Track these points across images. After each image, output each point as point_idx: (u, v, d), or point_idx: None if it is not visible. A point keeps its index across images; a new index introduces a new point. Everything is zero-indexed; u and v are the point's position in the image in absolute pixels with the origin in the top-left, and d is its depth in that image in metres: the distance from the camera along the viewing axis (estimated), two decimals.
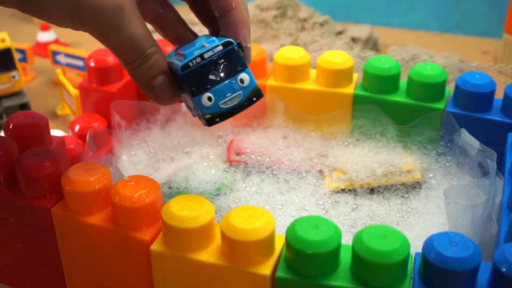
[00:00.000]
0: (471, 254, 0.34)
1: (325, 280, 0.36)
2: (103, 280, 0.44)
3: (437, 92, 0.53)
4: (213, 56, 0.39)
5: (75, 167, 0.43)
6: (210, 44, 0.39)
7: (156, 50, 0.40)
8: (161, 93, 0.41)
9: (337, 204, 0.52)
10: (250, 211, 0.38)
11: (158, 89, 0.41)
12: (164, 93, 0.41)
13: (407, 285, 0.36)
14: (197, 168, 0.54)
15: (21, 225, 0.45)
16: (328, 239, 0.36)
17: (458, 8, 1.01)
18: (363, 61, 0.76)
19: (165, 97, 0.41)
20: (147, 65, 0.40)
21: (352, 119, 0.57)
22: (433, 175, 0.53)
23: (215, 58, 0.39)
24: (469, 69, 0.76)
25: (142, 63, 0.40)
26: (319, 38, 0.84)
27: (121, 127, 0.55)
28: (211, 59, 0.39)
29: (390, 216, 0.51)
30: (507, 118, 0.51)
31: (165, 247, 0.39)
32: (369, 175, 0.53)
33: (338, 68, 0.55)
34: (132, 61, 0.40)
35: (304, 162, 0.56)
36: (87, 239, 0.43)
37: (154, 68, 0.40)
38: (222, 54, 0.39)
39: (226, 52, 0.39)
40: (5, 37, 0.67)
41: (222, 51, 0.39)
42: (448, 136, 0.53)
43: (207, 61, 0.39)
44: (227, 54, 0.39)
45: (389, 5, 1.04)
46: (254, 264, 0.37)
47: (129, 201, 0.40)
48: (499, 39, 0.86)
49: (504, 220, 0.42)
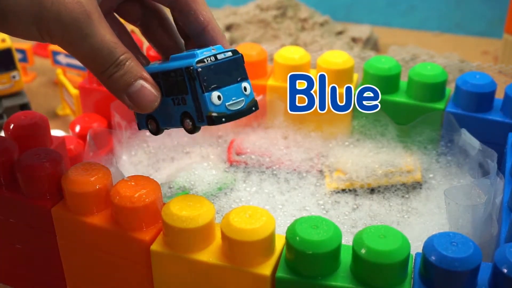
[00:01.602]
0: (471, 254, 0.34)
1: (325, 280, 0.36)
2: (103, 280, 0.44)
3: (437, 92, 0.53)
4: (225, 59, 0.40)
5: (75, 167, 0.43)
6: (218, 49, 0.40)
7: (129, 57, 0.39)
8: (140, 99, 0.39)
9: (337, 204, 0.52)
10: (250, 211, 0.38)
11: (136, 95, 0.39)
12: (143, 99, 0.39)
13: (408, 285, 0.36)
14: (196, 167, 0.54)
15: (21, 225, 0.45)
16: (328, 239, 0.36)
17: (458, 8, 1.01)
18: (363, 61, 0.76)
19: (145, 103, 0.40)
20: (120, 72, 0.39)
21: (352, 119, 0.57)
22: (434, 175, 0.53)
23: (226, 61, 0.40)
24: (470, 69, 0.75)
25: (115, 71, 0.39)
26: (319, 38, 0.84)
27: (121, 127, 0.55)
28: (224, 61, 0.40)
29: (390, 216, 0.51)
30: (507, 118, 0.51)
31: (165, 247, 0.39)
32: (369, 175, 0.53)
33: (338, 68, 0.55)
34: (104, 69, 0.39)
35: (304, 162, 0.56)
36: (87, 239, 0.43)
37: (129, 75, 0.39)
38: (231, 59, 0.40)
39: (234, 59, 0.40)
40: (6, 37, 0.67)
41: (232, 57, 0.40)
42: (448, 136, 0.53)
43: (220, 62, 0.40)
44: (235, 61, 0.40)
45: (389, 5, 1.04)
46: (254, 264, 0.37)
47: (129, 201, 0.40)
48: (499, 39, 0.86)
49: (504, 220, 0.42)
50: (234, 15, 0.89)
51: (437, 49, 0.87)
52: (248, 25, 0.87)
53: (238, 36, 0.86)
